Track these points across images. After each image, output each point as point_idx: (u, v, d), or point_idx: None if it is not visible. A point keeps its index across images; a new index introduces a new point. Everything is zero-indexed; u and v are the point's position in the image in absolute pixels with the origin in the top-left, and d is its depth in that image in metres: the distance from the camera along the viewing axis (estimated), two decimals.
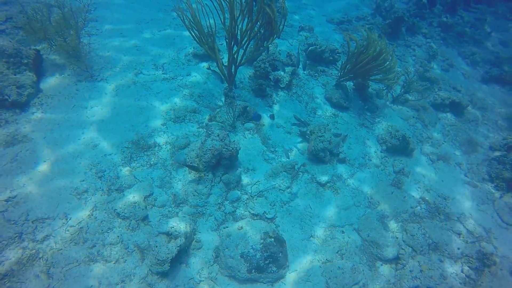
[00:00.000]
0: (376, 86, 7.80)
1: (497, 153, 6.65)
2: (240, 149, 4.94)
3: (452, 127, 7.48)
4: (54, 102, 5.33)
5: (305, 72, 7.49)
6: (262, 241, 4.17)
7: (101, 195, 4.47)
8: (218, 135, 4.73)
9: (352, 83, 7.40)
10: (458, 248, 4.97)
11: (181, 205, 4.62)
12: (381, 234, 4.84)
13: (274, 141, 5.83)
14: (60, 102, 5.38)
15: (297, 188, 5.25)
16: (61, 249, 3.85)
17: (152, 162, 5.07)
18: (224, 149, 4.68)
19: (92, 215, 4.24)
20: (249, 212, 4.73)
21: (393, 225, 5.11)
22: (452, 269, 4.83)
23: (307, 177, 5.46)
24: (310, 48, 7.78)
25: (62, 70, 5.78)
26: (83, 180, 4.56)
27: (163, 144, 5.36)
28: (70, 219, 4.12)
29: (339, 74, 6.96)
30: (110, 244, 4.02)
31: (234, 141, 4.85)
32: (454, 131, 7.37)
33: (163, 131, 5.54)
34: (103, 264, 3.86)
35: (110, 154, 4.99)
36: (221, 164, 4.81)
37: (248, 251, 4.06)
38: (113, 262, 3.90)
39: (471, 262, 4.93)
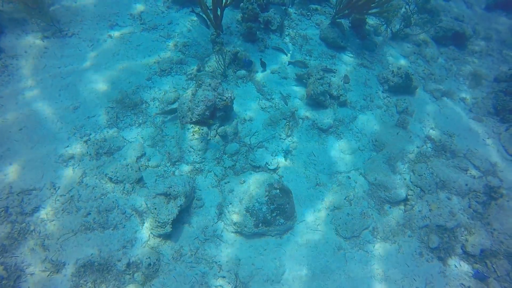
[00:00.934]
0: (373, 21, 7.24)
1: (503, 84, 6.35)
2: (234, 98, 4.54)
3: (455, 61, 7.08)
4: (20, 64, 4.76)
5: (296, 12, 6.84)
6: (267, 193, 3.95)
7: (89, 160, 4.12)
8: (210, 85, 4.30)
9: (348, 21, 6.81)
10: (466, 184, 4.84)
11: (177, 163, 4.32)
12: (389, 176, 4.65)
13: (269, 87, 5.42)
14: (28, 63, 4.80)
15: (298, 136, 4.96)
16: (53, 220, 3.58)
17: (140, 121, 4.67)
18: (218, 99, 4.28)
19: (82, 182, 3.92)
20: (250, 164, 4.47)
21: (400, 166, 4.92)
22: (460, 205, 4.75)
23: (307, 124, 5.14)
24: None
25: (23, 26, 5.11)
26: (68, 146, 4.18)
27: (151, 101, 4.92)
28: (58, 188, 3.80)
29: (334, 10, 6.36)
30: (106, 210, 3.76)
31: (227, 89, 4.43)
32: (457, 65, 6.99)
33: (149, 87, 5.07)
34: (101, 231, 3.63)
35: (94, 116, 4.56)
36: (216, 116, 4.43)
37: (254, 205, 3.85)
38: (112, 228, 3.67)
39: (478, 197, 4.84)
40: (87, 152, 4.16)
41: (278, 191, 4.01)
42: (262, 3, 6.10)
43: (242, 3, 6.07)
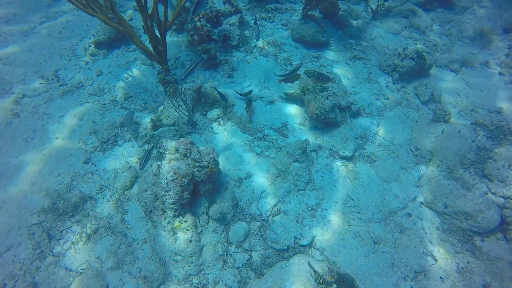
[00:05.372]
0: (344, 6, 6.00)
1: None
2: (218, 156, 2.99)
3: (451, 23, 5.94)
4: None
5: (254, 18, 5.45)
6: None
7: None
8: (177, 150, 2.74)
9: (318, 12, 5.52)
10: None
11: (161, 287, 2.69)
12: (464, 196, 3.24)
13: (257, 121, 3.92)
14: None
15: (320, 178, 3.47)
16: None
17: (89, 231, 3.02)
18: (196, 169, 2.72)
19: None
20: (272, 248, 2.90)
21: (466, 176, 3.53)
22: None
23: (325, 155, 3.68)
24: None
25: None
26: None
27: (97, 192, 3.29)
28: None
29: (303, 2, 5.03)
30: None
31: (206, 148, 2.88)
32: (455, 27, 5.84)
33: (91, 172, 3.44)
34: None
35: (10, 249, 2.86)
36: (200, 193, 2.86)
37: None
38: None
39: None
40: None
41: (335, 286, 2.46)
42: (212, 16, 4.65)
43: (186, 24, 4.61)
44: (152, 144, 3.29)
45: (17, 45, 4.73)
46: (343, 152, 3.63)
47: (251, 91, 3.99)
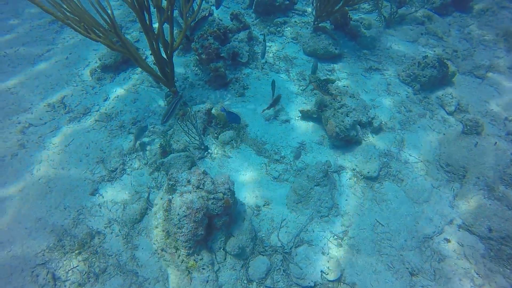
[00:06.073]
0: (356, 16, 5.81)
1: None
2: (233, 184, 2.74)
3: (469, 27, 5.65)
4: None
5: (263, 33, 5.28)
6: None
7: None
8: (189, 181, 2.50)
9: (329, 23, 5.32)
10: None
11: None
12: (511, 218, 2.90)
13: (273, 142, 3.68)
14: None
15: (344, 202, 3.18)
16: None
17: (97, 270, 2.79)
18: (210, 202, 2.47)
19: None
20: (298, 284, 2.61)
21: (508, 194, 3.19)
22: None
23: (348, 176, 3.39)
24: None
25: None
26: None
27: (105, 227, 3.07)
28: None
29: (313, 12, 4.85)
30: None
31: (220, 177, 2.63)
32: (475, 30, 5.55)
33: (99, 204, 3.23)
34: None
35: None
36: (216, 227, 2.61)
37: None
38: None
39: None
40: None
41: None
42: (220, 33, 4.48)
43: (193, 43, 4.45)
44: (147, 194, 3.10)
45: (24, 74, 4.65)
46: (367, 172, 3.34)
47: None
